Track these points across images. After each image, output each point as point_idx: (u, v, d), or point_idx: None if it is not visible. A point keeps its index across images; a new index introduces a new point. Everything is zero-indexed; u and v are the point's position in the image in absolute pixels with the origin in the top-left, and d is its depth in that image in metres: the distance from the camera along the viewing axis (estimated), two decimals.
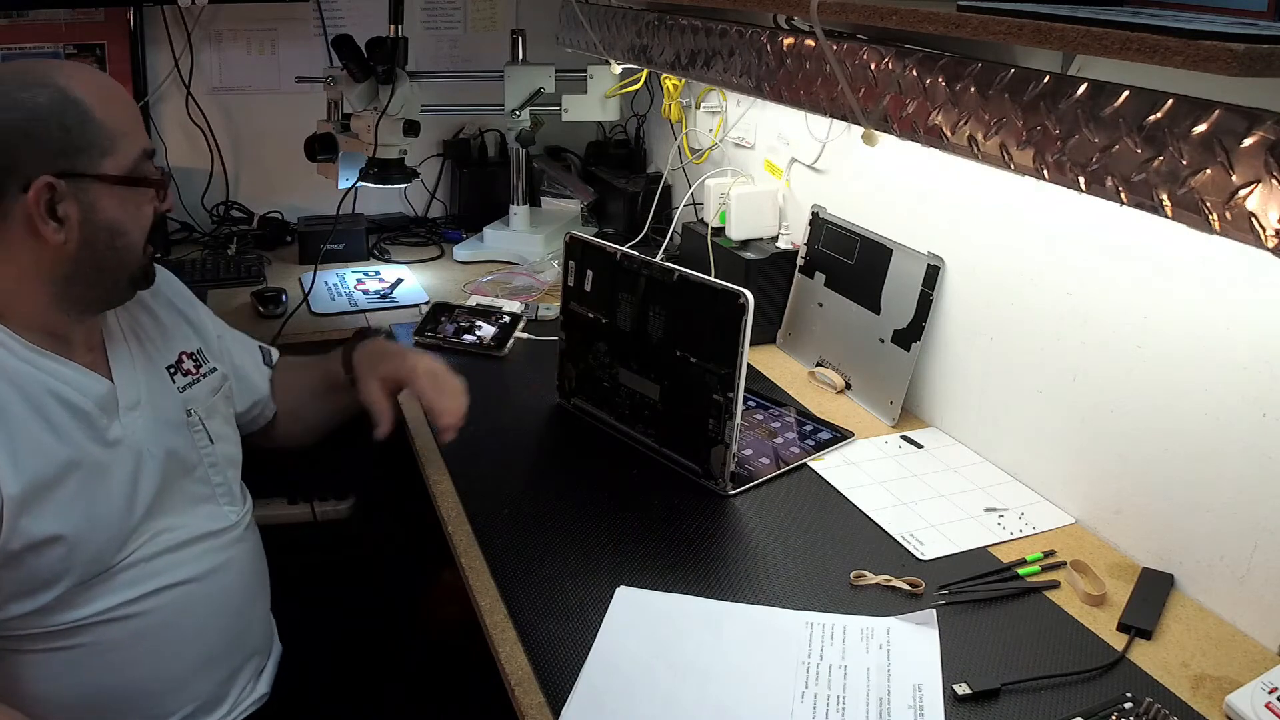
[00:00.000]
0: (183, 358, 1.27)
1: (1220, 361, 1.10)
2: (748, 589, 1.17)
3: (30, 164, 1.05)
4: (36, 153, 1.05)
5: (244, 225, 2.38)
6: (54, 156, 1.06)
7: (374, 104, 1.98)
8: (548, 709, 0.98)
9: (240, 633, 1.26)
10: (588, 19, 2.03)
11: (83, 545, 1.08)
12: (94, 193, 1.09)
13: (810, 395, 1.66)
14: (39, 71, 1.08)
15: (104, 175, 1.09)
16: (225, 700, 1.23)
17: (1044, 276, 1.33)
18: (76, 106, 1.07)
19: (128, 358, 1.20)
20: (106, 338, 1.19)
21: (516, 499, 1.35)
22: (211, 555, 1.22)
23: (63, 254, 1.09)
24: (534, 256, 2.21)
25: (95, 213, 1.09)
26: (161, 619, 1.15)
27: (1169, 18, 0.86)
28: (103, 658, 1.11)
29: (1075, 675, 1.03)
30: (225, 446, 1.30)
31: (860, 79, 1.27)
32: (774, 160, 1.93)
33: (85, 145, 1.07)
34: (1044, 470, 1.36)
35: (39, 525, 1.04)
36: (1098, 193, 0.97)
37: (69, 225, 1.08)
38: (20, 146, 1.05)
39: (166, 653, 1.16)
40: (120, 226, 1.11)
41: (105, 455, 1.11)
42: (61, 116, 1.06)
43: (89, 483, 1.09)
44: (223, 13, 2.28)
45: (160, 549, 1.16)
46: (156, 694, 1.17)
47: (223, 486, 1.27)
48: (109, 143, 1.09)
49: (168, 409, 1.22)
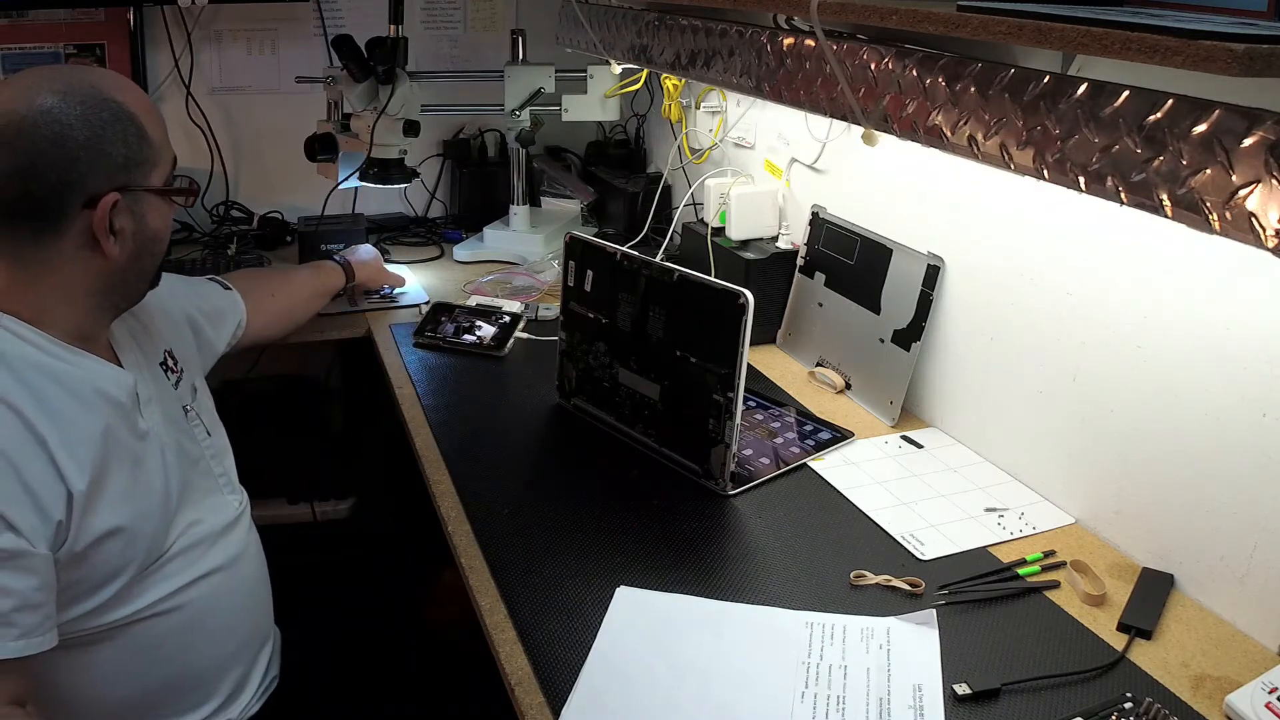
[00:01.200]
0: (166, 355, 1.30)
1: (1220, 361, 1.10)
2: (748, 589, 1.17)
3: (95, 179, 1.05)
4: (102, 168, 1.06)
5: (244, 225, 2.38)
6: (117, 172, 1.07)
7: (374, 104, 1.98)
8: (548, 709, 0.98)
9: (259, 618, 1.31)
10: (588, 19, 2.03)
11: (139, 535, 1.10)
12: (145, 205, 1.11)
13: (810, 395, 1.66)
14: (92, 83, 1.07)
15: (152, 188, 1.11)
16: (250, 682, 1.27)
17: (1044, 276, 1.33)
18: (134, 121, 1.08)
19: (133, 357, 1.22)
20: (114, 338, 1.21)
21: (516, 499, 1.35)
22: (233, 544, 1.25)
23: (113, 266, 1.10)
24: (534, 256, 2.21)
25: (145, 224, 1.11)
26: (202, 608, 1.19)
27: (1169, 18, 0.86)
28: (150, 652, 1.14)
29: (1075, 675, 1.03)
30: (219, 438, 1.33)
31: (860, 79, 1.27)
32: (774, 160, 1.93)
33: (141, 159, 1.09)
34: (1044, 470, 1.36)
35: (101, 520, 1.05)
36: (1098, 193, 0.97)
37: (123, 238, 1.09)
38: (85, 162, 1.05)
39: (206, 640, 1.20)
40: (161, 235, 1.15)
41: (140, 447, 1.14)
42: (124, 133, 1.07)
43: (134, 474, 1.12)
44: (223, 13, 2.28)
45: (193, 540, 1.19)
46: (198, 682, 1.20)
47: (224, 477, 1.30)
48: (156, 155, 1.11)
49: (170, 403, 1.25)
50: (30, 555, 0.98)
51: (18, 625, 0.96)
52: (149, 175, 1.10)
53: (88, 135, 1.04)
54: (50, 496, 1.00)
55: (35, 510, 0.99)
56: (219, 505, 1.26)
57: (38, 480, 0.99)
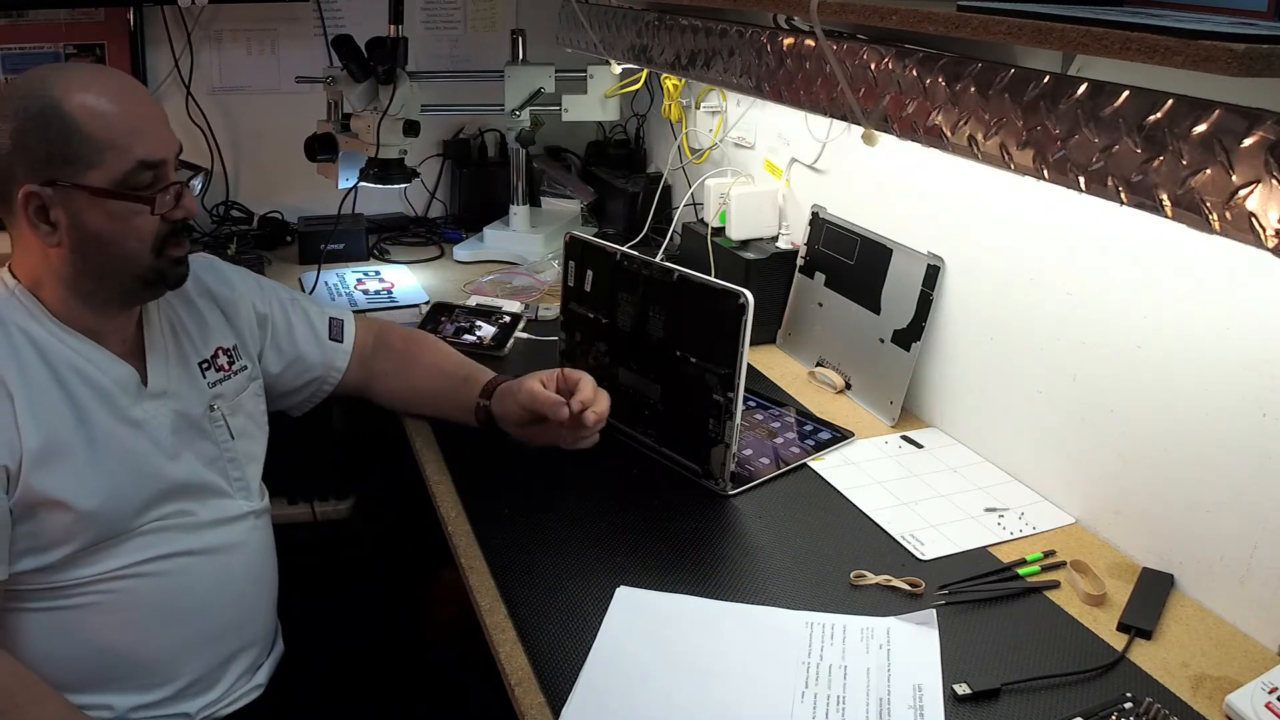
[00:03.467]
0: (219, 353, 1.32)
1: (1220, 361, 1.10)
2: (748, 589, 1.17)
3: (20, 171, 1.10)
4: (24, 161, 1.10)
5: (244, 225, 2.38)
6: (39, 166, 1.10)
7: (374, 104, 1.98)
8: (548, 709, 0.98)
9: (240, 621, 1.28)
10: (588, 19, 2.03)
11: (90, 516, 1.12)
12: (79, 203, 1.12)
13: (810, 395, 1.66)
14: (40, 80, 1.12)
15: (88, 187, 1.11)
16: (218, 684, 1.25)
17: (1044, 276, 1.33)
18: (62, 119, 1.09)
19: (161, 350, 1.25)
20: (146, 329, 1.24)
21: (516, 499, 1.34)
22: (219, 536, 1.25)
23: (61, 256, 1.14)
24: (534, 256, 2.21)
25: (82, 222, 1.12)
26: (163, 585, 1.19)
27: (1169, 18, 0.86)
28: (102, 618, 1.16)
29: (1075, 675, 1.03)
30: (246, 443, 1.33)
31: (860, 79, 1.27)
32: (774, 160, 1.93)
33: (71, 157, 1.10)
34: (1044, 470, 1.36)
35: (45, 485, 1.09)
36: (1098, 193, 0.97)
37: (60, 230, 1.12)
38: (13, 152, 1.10)
39: (163, 622, 1.19)
40: (109, 236, 1.14)
41: (124, 432, 1.17)
42: (45, 128, 1.09)
43: (103, 456, 1.14)
44: (223, 13, 2.28)
45: (170, 525, 1.20)
46: (150, 663, 1.19)
47: (239, 481, 1.30)
48: (95, 155, 1.11)
49: (192, 402, 1.26)
50: None
51: None
52: (82, 174, 1.10)
53: (13, 127, 1.09)
54: (3, 444, 1.08)
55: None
56: (224, 504, 1.27)
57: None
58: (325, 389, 1.51)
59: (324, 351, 1.48)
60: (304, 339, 1.46)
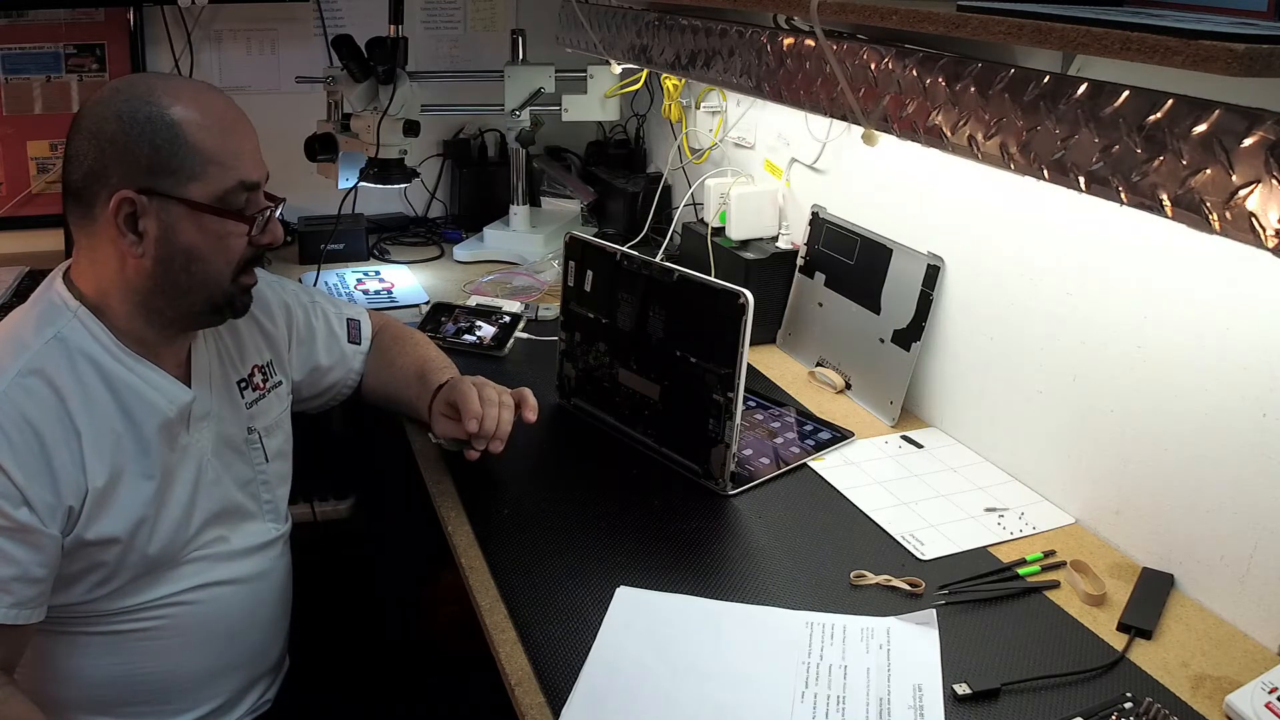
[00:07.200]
0: (254, 371, 1.30)
1: (1220, 361, 1.10)
2: (748, 589, 1.17)
3: (117, 175, 1.06)
4: (124, 165, 1.06)
5: None
6: (140, 172, 1.07)
7: (374, 104, 1.98)
8: (548, 709, 0.98)
9: (266, 646, 1.30)
10: (588, 19, 2.03)
11: (137, 549, 1.11)
12: (175, 214, 1.09)
13: (810, 395, 1.66)
14: (145, 87, 1.09)
15: (187, 200, 1.09)
16: (239, 706, 1.26)
17: (1044, 276, 1.33)
18: (170, 127, 1.07)
19: (205, 372, 1.22)
20: (193, 350, 1.21)
21: (516, 499, 1.35)
22: (254, 564, 1.25)
23: (140, 268, 1.10)
24: (534, 256, 2.21)
25: (174, 234, 1.09)
26: (204, 613, 1.19)
27: (1169, 18, 0.86)
28: (141, 644, 1.15)
29: (1075, 675, 1.03)
30: (279, 464, 1.32)
31: (860, 79, 1.27)
32: (774, 160, 1.93)
33: (175, 167, 1.07)
34: (1044, 470, 1.36)
35: (106, 524, 1.08)
36: (1098, 193, 0.97)
37: (147, 241, 1.09)
38: (111, 156, 1.06)
39: (200, 648, 1.20)
40: (198, 252, 1.11)
41: (171, 459, 1.15)
42: (153, 135, 1.06)
43: (162, 489, 1.13)
44: (223, 13, 2.28)
45: (214, 554, 1.20)
46: (181, 687, 1.20)
47: (270, 504, 1.29)
48: (199, 168, 1.08)
49: (231, 424, 1.24)
50: (40, 533, 1.03)
51: (13, 594, 1.02)
52: (183, 185, 1.08)
53: (115, 130, 1.06)
54: (70, 484, 1.05)
55: (54, 493, 1.04)
56: (255, 529, 1.26)
57: (63, 467, 1.04)
58: (344, 392, 1.50)
59: (344, 355, 1.48)
60: (325, 345, 1.45)
